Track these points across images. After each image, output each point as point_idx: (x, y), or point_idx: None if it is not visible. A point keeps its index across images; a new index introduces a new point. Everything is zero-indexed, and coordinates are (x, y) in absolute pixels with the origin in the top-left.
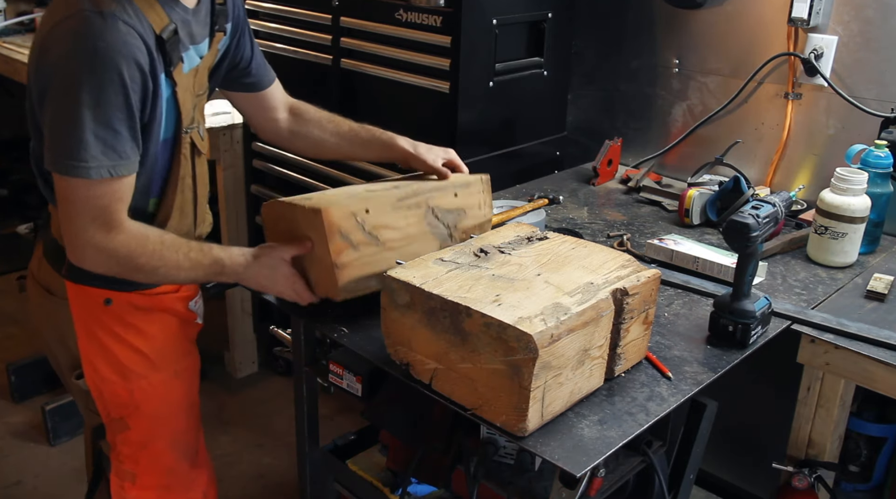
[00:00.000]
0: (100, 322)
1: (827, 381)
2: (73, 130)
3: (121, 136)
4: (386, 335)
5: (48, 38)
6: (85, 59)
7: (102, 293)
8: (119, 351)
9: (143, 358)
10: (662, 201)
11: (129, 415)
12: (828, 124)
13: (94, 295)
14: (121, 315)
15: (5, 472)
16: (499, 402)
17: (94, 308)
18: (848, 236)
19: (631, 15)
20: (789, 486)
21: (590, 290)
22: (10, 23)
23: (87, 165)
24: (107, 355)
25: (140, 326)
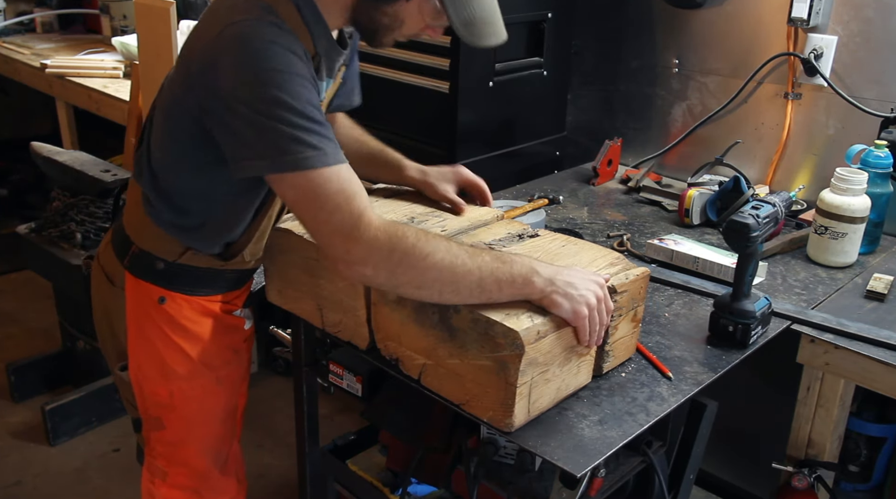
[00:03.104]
0: (151, 319)
1: (827, 381)
2: (283, 125)
3: (326, 126)
4: (375, 331)
5: (214, 50)
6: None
7: (158, 291)
8: (165, 351)
9: (187, 360)
10: (662, 201)
11: (166, 415)
12: (828, 124)
13: (151, 291)
14: (172, 315)
15: (5, 472)
16: (486, 397)
17: (148, 304)
18: (848, 236)
19: (631, 15)
20: (789, 486)
21: None
22: (10, 23)
23: (310, 154)
24: (152, 353)
25: (189, 329)
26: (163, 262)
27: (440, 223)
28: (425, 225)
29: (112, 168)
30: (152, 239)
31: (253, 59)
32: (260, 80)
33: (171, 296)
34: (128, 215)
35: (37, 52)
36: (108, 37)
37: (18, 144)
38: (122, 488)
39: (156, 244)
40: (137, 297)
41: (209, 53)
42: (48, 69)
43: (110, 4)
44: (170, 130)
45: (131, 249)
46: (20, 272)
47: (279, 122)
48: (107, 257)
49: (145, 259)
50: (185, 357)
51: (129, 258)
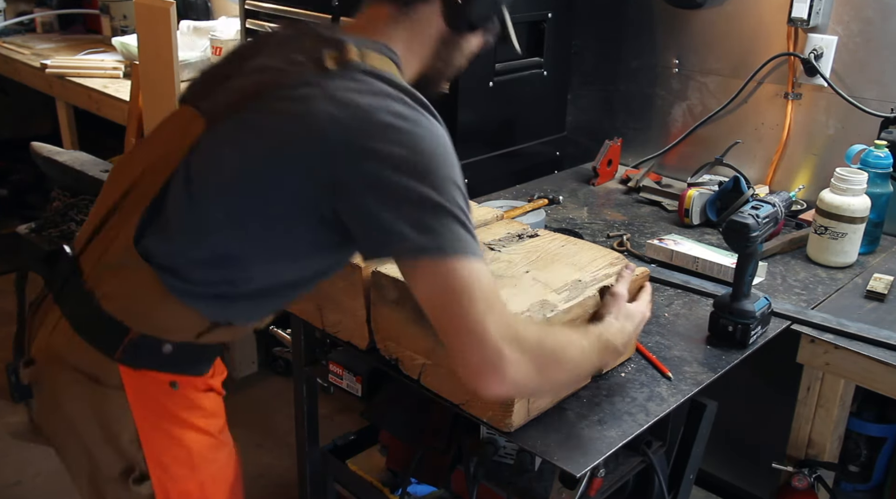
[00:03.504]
0: (165, 410)
1: (827, 381)
2: (442, 209)
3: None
4: (375, 331)
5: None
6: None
7: (167, 377)
8: (188, 438)
9: (210, 439)
10: (662, 201)
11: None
12: (828, 124)
13: (158, 378)
14: (188, 397)
15: (5, 472)
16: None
17: (159, 394)
18: (848, 236)
19: (631, 15)
20: (789, 486)
21: (577, 287)
22: (10, 23)
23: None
24: (175, 447)
25: (203, 405)
26: (171, 344)
27: None
28: None
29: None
30: (166, 319)
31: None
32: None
33: (181, 379)
34: (117, 298)
35: (37, 52)
36: (108, 37)
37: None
38: None
39: (170, 324)
40: (145, 389)
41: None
42: (48, 69)
43: (110, 4)
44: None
45: (127, 337)
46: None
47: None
48: (77, 354)
49: (148, 345)
50: (207, 436)
51: (124, 349)
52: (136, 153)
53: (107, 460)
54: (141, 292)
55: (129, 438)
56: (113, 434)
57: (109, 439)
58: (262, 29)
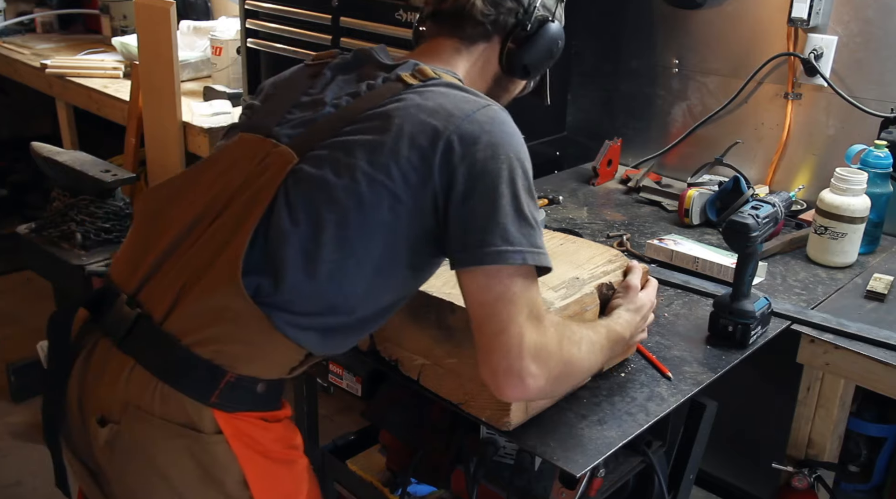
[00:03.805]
0: (263, 447)
1: (827, 381)
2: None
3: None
4: (374, 332)
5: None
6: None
7: (259, 414)
8: (286, 471)
9: (299, 467)
10: (662, 201)
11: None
12: (828, 124)
13: (251, 417)
14: (277, 430)
15: (5, 472)
16: (483, 396)
17: (256, 433)
18: (848, 236)
19: (631, 15)
20: (789, 486)
21: (575, 284)
22: (10, 23)
23: (524, 251)
24: (278, 483)
25: (291, 437)
26: (265, 382)
27: None
28: None
29: (112, 168)
30: (269, 357)
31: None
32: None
33: (268, 416)
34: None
35: (37, 52)
36: (108, 37)
37: (18, 144)
38: None
39: (271, 362)
40: (240, 430)
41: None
42: (48, 69)
43: (110, 4)
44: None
45: (223, 381)
46: (20, 272)
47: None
48: (167, 405)
49: (244, 386)
50: (299, 467)
51: (221, 392)
52: (190, 184)
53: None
54: (245, 333)
55: (233, 480)
56: (217, 480)
57: (212, 485)
58: (263, 29)
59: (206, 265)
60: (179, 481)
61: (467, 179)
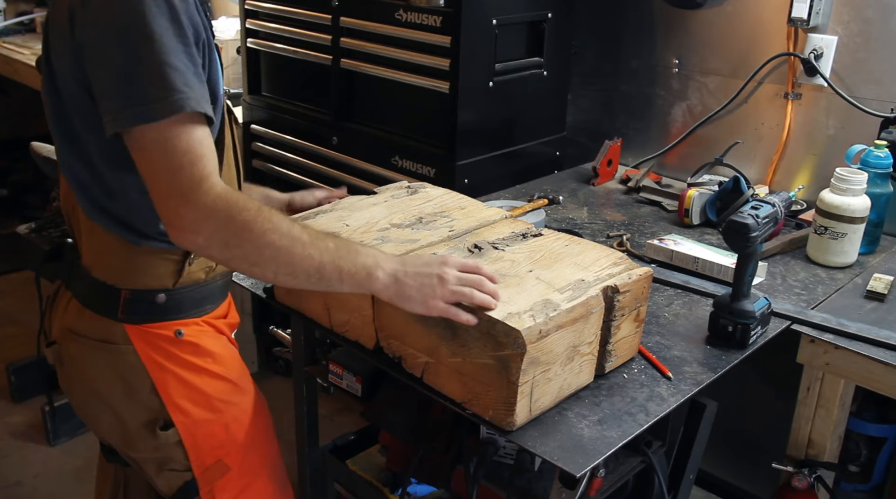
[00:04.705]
0: (176, 359)
1: (827, 381)
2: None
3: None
4: (379, 329)
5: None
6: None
7: (172, 325)
8: (204, 384)
9: (227, 384)
10: (662, 201)
11: (227, 453)
12: (828, 124)
13: (164, 329)
14: (196, 343)
15: (5, 472)
16: (487, 396)
17: (167, 344)
18: (848, 236)
19: (631, 15)
20: (789, 486)
21: (580, 287)
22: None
23: (152, 106)
24: (193, 392)
25: (214, 352)
26: (163, 293)
27: (448, 223)
28: (433, 225)
29: None
30: (142, 269)
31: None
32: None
33: (185, 324)
34: (93, 261)
35: (37, 52)
36: None
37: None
38: None
39: (148, 273)
40: (151, 342)
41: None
42: None
43: None
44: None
45: (121, 297)
46: (20, 272)
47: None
48: (85, 323)
49: (142, 299)
50: (224, 382)
51: (123, 307)
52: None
53: (131, 414)
54: (103, 247)
55: (147, 389)
56: (133, 389)
57: (131, 394)
58: (263, 29)
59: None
60: (108, 394)
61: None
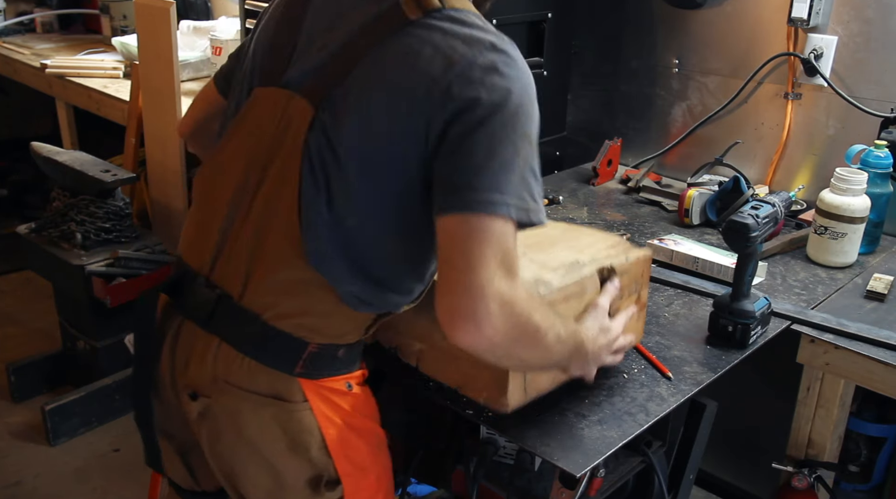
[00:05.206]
0: (344, 413)
1: (827, 381)
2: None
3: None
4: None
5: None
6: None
7: (343, 379)
8: (362, 437)
9: (377, 436)
10: (662, 201)
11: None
12: (828, 124)
13: (334, 384)
14: (358, 396)
15: (5, 472)
16: (480, 378)
17: (338, 398)
18: (848, 236)
19: (631, 15)
20: (789, 486)
21: (575, 267)
22: (10, 23)
23: (509, 203)
24: (354, 448)
25: (369, 402)
26: (344, 347)
27: None
28: None
29: (112, 168)
30: (343, 322)
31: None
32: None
33: (352, 377)
34: (293, 315)
35: (37, 52)
36: (108, 37)
37: (18, 144)
38: (122, 488)
39: (346, 327)
40: (325, 397)
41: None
42: (48, 69)
43: (110, 4)
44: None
45: (306, 352)
46: (20, 272)
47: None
48: (254, 378)
49: (326, 354)
50: (375, 435)
51: (305, 362)
52: (227, 149)
53: (294, 472)
54: (318, 304)
55: (317, 446)
56: (302, 446)
57: (297, 450)
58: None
59: (263, 240)
60: (268, 450)
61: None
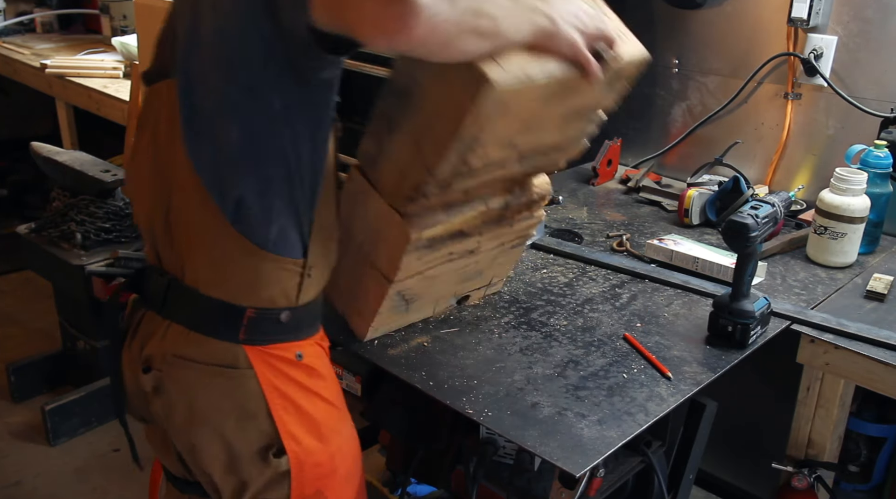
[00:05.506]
0: (293, 382)
1: (827, 381)
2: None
3: None
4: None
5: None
6: None
7: (292, 347)
8: (316, 410)
9: (335, 411)
10: (662, 201)
11: (327, 485)
12: (827, 124)
13: (285, 352)
14: (311, 366)
15: (5, 472)
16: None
17: (286, 368)
18: (847, 236)
19: (631, 15)
20: (789, 486)
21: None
22: (10, 23)
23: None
24: (306, 419)
25: (326, 376)
26: (286, 311)
27: None
28: None
29: (112, 168)
30: (269, 282)
31: None
32: None
33: (303, 346)
34: (211, 278)
35: (37, 52)
36: (108, 37)
37: (18, 144)
38: (122, 488)
39: (274, 287)
40: (270, 366)
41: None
42: (48, 69)
43: (110, 4)
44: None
45: (245, 317)
46: (20, 272)
47: None
48: (201, 349)
49: (266, 318)
50: (331, 407)
51: (247, 328)
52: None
53: (245, 441)
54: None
55: (263, 414)
56: (249, 414)
57: (245, 420)
58: None
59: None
60: (219, 422)
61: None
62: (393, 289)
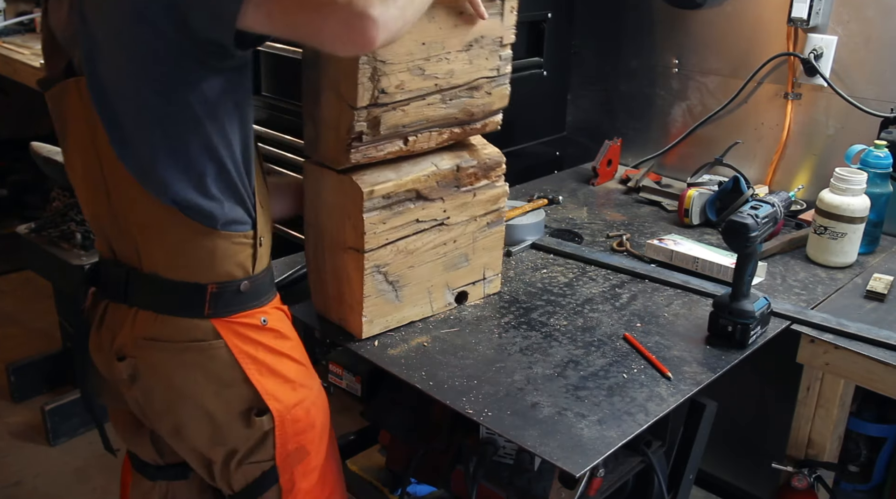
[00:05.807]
0: (263, 347)
1: (827, 381)
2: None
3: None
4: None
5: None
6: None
7: (256, 314)
8: (287, 369)
9: (304, 368)
10: (662, 201)
11: (308, 439)
12: (827, 124)
13: (250, 318)
14: (276, 329)
15: (5, 472)
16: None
17: (253, 333)
18: (847, 236)
19: (630, 15)
20: (789, 486)
21: None
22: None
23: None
24: (280, 379)
25: (290, 336)
26: (244, 281)
27: None
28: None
29: None
30: (225, 257)
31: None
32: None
33: (266, 311)
34: (167, 262)
35: (37, 52)
36: None
37: (18, 144)
38: None
39: (230, 261)
40: (238, 334)
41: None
42: None
43: None
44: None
45: (207, 293)
46: (20, 272)
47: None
48: (169, 329)
49: (227, 290)
50: (300, 366)
51: (210, 303)
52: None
53: (227, 409)
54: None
55: (240, 381)
56: (225, 383)
57: (223, 389)
58: None
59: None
60: (198, 395)
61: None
62: (368, 261)
